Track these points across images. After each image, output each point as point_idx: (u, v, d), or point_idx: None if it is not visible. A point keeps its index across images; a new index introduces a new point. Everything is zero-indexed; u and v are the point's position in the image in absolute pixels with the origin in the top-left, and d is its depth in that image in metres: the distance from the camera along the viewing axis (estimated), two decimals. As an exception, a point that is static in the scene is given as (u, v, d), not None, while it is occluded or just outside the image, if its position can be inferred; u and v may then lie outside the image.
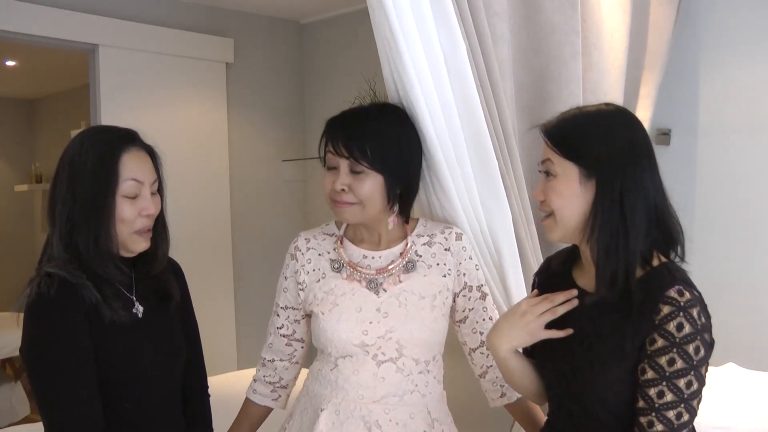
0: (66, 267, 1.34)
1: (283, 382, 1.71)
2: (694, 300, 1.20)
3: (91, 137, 1.40)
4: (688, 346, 1.18)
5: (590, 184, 1.27)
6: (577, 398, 1.32)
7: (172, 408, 1.53)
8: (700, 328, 1.19)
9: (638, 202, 1.24)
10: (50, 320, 1.32)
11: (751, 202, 2.43)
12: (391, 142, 1.51)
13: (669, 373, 1.19)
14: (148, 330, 1.45)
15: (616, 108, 1.35)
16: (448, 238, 1.60)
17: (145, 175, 1.41)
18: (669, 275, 1.24)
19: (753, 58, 2.40)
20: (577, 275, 1.40)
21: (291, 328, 1.66)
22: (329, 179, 1.52)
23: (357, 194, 1.49)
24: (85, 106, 3.60)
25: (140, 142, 1.44)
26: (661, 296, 1.21)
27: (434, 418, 1.53)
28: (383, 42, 1.55)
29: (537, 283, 1.50)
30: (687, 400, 1.19)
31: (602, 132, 1.28)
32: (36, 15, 3.19)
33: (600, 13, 2.07)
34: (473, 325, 1.61)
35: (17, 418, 4.20)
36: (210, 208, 3.82)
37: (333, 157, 1.50)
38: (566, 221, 1.31)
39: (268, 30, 4.12)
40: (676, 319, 1.19)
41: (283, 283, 1.65)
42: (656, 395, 1.20)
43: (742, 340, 2.36)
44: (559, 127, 1.32)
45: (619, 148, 1.26)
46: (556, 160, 1.30)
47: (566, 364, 1.33)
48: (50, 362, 1.32)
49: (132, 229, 1.39)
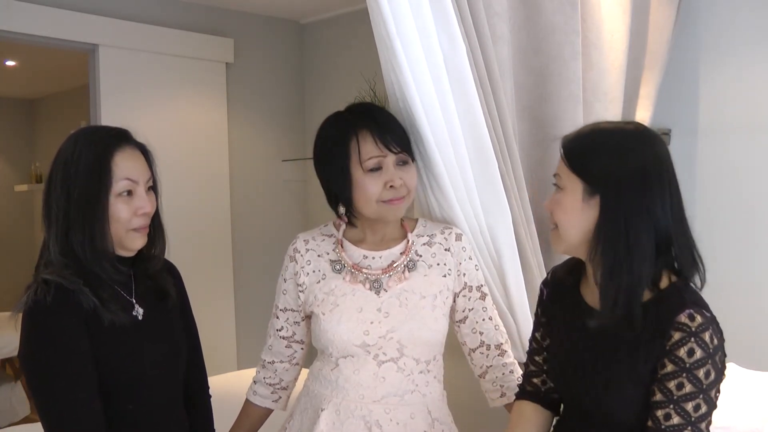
0: (62, 272, 1.33)
1: (283, 383, 1.71)
2: (706, 323, 1.18)
3: (84, 138, 1.39)
4: (698, 371, 1.17)
5: (593, 202, 1.25)
6: (589, 410, 1.30)
7: (174, 408, 1.53)
8: (712, 351, 1.17)
9: (642, 226, 1.21)
10: (47, 326, 1.31)
11: (751, 202, 2.43)
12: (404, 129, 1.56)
13: (677, 397, 1.17)
14: (148, 331, 1.45)
15: (637, 128, 1.30)
16: (448, 238, 1.60)
17: (139, 174, 1.40)
18: (679, 298, 1.22)
19: (753, 58, 2.40)
20: (585, 290, 1.37)
21: (291, 330, 1.66)
22: (376, 181, 1.48)
23: (408, 185, 1.51)
24: (85, 106, 3.60)
25: (132, 141, 1.44)
26: (672, 322, 1.19)
27: (434, 418, 1.53)
28: (382, 42, 1.55)
29: (546, 295, 1.46)
30: (695, 423, 1.18)
31: (613, 151, 1.24)
32: (36, 15, 3.19)
33: (600, 13, 2.07)
34: (473, 326, 1.61)
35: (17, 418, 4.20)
36: (210, 208, 3.82)
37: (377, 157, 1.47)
38: (569, 236, 1.30)
39: (268, 30, 4.11)
40: (687, 344, 1.17)
41: (282, 285, 1.64)
42: (663, 417, 1.19)
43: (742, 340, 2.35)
44: (574, 140, 1.31)
45: (627, 171, 1.22)
46: (564, 173, 1.29)
47: (580, 382, 1.31)
48: (48, 367, 1.31)
49: (128, 227, 1.39)
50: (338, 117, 1.56)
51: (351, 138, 1.48)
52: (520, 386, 1.51)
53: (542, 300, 1.47)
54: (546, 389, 1.47)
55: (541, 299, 1.48)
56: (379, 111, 1.56)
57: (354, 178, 1.49)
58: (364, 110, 1.55)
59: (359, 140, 1.48)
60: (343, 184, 1.50)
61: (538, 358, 1.48)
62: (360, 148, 1.47)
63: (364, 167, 1.47)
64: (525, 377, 1.51)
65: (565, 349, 1.36)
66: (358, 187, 1.49)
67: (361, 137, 1.48)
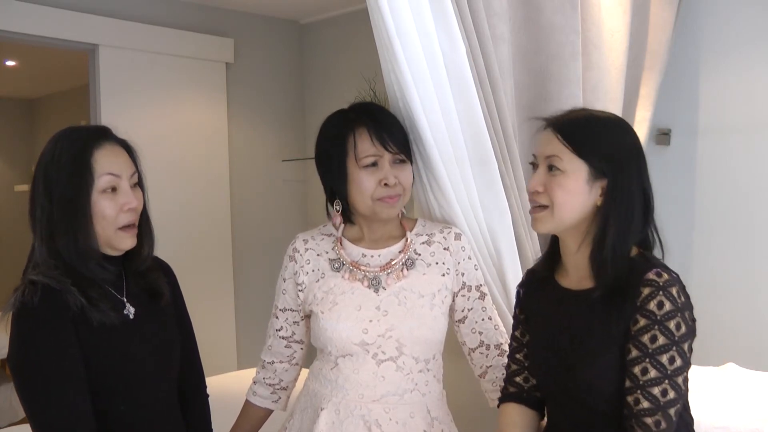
0: (49, 273, 1.33)
1: (283, 383, 1.71)
2: (673, 280, 1.24)
3: (63, 138, 1.39)
4: (669, 322, 1.21)
5: (597, 184, 1.30)
6: (572, 393, 1.32)
7: (170, 409, 1.51)
8: (680, 306, 1.22)
9: (638, 202, 1.29)
10: (35, 327, 1.30)
11: (751, 202, 2.43)
12: (403, 128, 1.58)
13: (651, 350, 1.21)
14: (140, 330, 1.44)
15: (617, 117, 1.42)
16: (447, 237, 1.60)
17: (121, 168, 1.39)
18: (647, 262, 1.29)
19: (753, 58, 2.40)
20: (559, 276, 1.42)
21: (290, 329, 1.66)
22: (372, 177, 1.50)
23: (403, 184, 1.52)
24: (85, 106, 3.60)
25: (113, 137, 1.43)
26: (641, 280, 1.24)
27: (434, 417, 1.54)
28: (382, 42, 1.55)
29: (523, 293, 1.51)
30: (671, 377, 1.21)
31: (614, 134, 1.33)
32: (36, 15, 3.19)
33: (600, 13, 2.07)
34: (472, 325, 1.61)
35: (17, 418, 4.20)
36: (210, 208, 3.82)
37: (373, 155, 1.50)
38: (564, 216, 1.33)
39: (268, 30, 4.12)
40: (657, 297, 1.22)
41: (282, 285, 1.64)
42: (640, 372, 1.22)
43: (742, 340, 2.36)
44: (572, 125, 1.34)
45: (627, 152, 1.31)
46: (567, 156, 1.31)
47: (559, 363, 1.34)
48: (35, 367, 1.30)
49: (116, 225, 1.38)
50: (339, 115, 1.58)
51: (349, 135, 1.51)
52: (503, 390, 1.53)
53: (519, 299, 1.52)
54: (529, 387, 1.48)
55: (518, 299, 1.52)
56: (380, 110, 1.57)
57: (350, 174, 1.51)
58: (364, 109, 1.57)
59: (356, 137, 1.50)
60: (340, 180, 1.53)
61: (518, 356, 1.50)
62: (357, 145, 1.50)
63: (360, 164, 1.50)
64: (507, 379, 1.52)
65: (544, 336, 1.39)
66: (354, 183, 1.51)
67: (359, 134, 1.50)
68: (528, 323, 1.48)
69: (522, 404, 1.48)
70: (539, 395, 1.47)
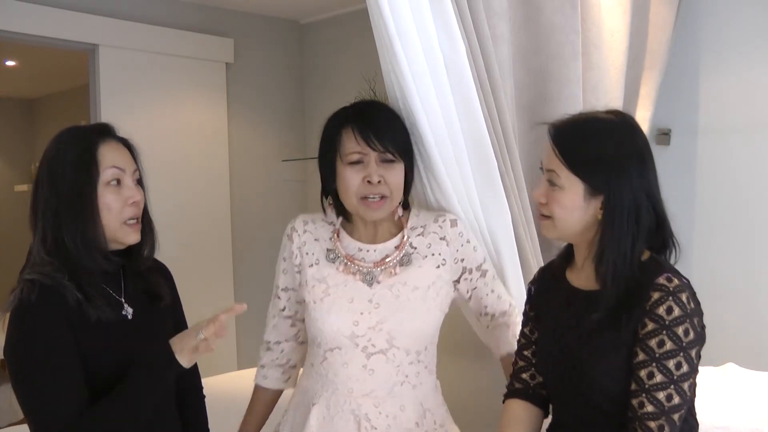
0: (43, 270, 1.34)
1: (291, 362, 1.71)
2: (683, 286, 1.24)
3: (67, 136, 1.41)
4: (677, 328, 1.21)
5: (595, 200, 1.30)
6: (578, 391, 1.33)
7: (166, 410, 1.51)
8: (689, 312, 1.22)
9: (644, 209, 1.28)
10: (30, 321, 1.31)
11: (751, 202, 2.43)
12: (403, 128, 1.56)
13: (659, 355, 1.21)
14: (138, 331, 1.44)
15: (622, 118, 1.36)
16: (443, 226, 1.59)
17: (125, 163, 1.42)
18: (658, 266, 1.28)
19: (753, 58, 2.40)
20: (571, 275, 1.42)
21: (293, 308, 1.66)
22: (356, 174, 1.49)
23: (390, 184, 1.50)
24: (85, 106, 3.60)
25: (115, 135, 1.45)
26: (652, 284, 1.24)
27: (426, 409, 1.54)
28: (382, 42, 1.55)
29: (534, 291, 1.51)
30: (677, 382, 1.21)
31: (614, 143, 1.30)
32: (36, 15, 3.19)
33: (600, 13, 2.07)
34: (478, 301, 1.65)
35: (17, 418, 4.19)
36: (210, 208, 3.82)
37: (358, 152, 1.49)
38: (565, 228, 1.35)
39: (268, 30, 4.11)
40: (666, 302, 1.22)
41: (282, 264, 1.65)
42: (646, 376, 1.22)
43: (742, 340, 2.36)
44: (568, 138, 1.33)
45: (628, 164, 1.28)
46: (563, 173, 1.31)
47: (567, 361, 1.34)
48: (30, 359, 1.31)
49: (121, 218, 1.40)
50: (336, 112, 1.58)
51: (337, 132, 1.53)
52: (509, 386, 1.53)
53: (530, 296, 1.52)
54: (535, 384, 1.48)
55: (529, 296, 1.53)
56: (375, 109, 1.56)
57: (338, 171, 1.53)
58: (358, 107, 1.57)
59: (343, 135, 1.51)
60: (329, 176, 1.55)
61: (526, 353, 1.50)
62: (343, 142, 1.51)
63: (344, 160, 1.51)
64: (514, 375, 1.52)
65: (554, 333, 1.39)
66: (340, 179, 1.52)
67: (345, 132, 1.51)
68: (537, 321, 1.48)
69: (527, 401, 1.48)
70: (545, 393, 1.47)
